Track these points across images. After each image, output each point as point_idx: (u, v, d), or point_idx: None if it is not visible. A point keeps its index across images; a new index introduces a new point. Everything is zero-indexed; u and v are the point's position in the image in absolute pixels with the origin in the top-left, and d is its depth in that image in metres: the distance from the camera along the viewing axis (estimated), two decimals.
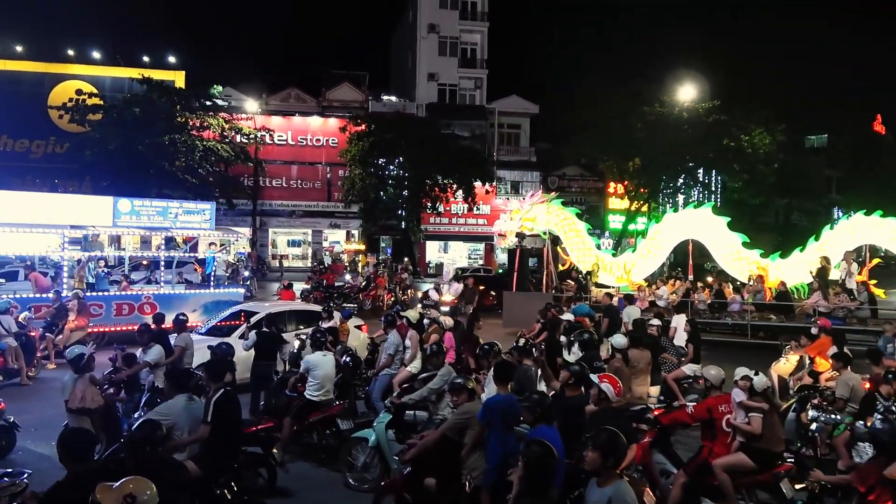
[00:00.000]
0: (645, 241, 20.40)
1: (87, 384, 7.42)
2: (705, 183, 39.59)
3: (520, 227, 20.34)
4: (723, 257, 19.44)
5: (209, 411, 5.96)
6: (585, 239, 20.48)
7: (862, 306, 16.16)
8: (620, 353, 8.76)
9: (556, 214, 20.47)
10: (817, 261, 17.93)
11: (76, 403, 7.12)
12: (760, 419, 6.61)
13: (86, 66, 40.58)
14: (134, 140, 30.03)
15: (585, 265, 20.24)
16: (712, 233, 19.46)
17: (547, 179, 44.19)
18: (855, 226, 18.79)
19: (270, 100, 41.54)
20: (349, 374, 9.97)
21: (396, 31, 52.18)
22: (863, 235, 18.58)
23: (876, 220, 18.58)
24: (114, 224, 17.17)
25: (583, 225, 20.74)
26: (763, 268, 18.69)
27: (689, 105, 36.01)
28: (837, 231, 18.93)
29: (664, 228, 20.08)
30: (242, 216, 38.73)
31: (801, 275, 18.46)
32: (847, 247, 18.20)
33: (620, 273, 20.08)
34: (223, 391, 6.18)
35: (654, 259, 20.09)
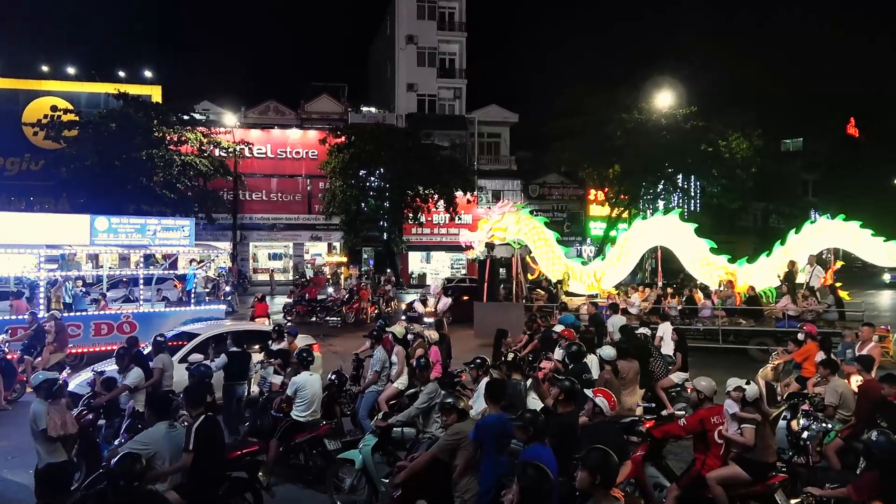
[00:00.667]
0: (614, 249, 20.34)
1: (63, 409, 7.18)
2: (685, 188, 39.87)
3: (490, 236, 20.25)
4: (691, 263, 19.55)
5: (191, 439, 5.77)
6: (554, 248, 20.41)
7: (829, 309, 16.31)
8: (609, 365, 8.67)
9: (526, 224, 20.47)
10: (784, 265, 18.14)
11: (57, 431, 6.85)
12: (754, 430, 6.55)
13: (61, 81, 40.12)
14: (111, 156, 29.73)
15: (555, 274, 20.17)
16: (680, 239, 19.61)
17: (528, 188, 44.34)
18: (820, 230, 18.95)
19: (249, 113, 41.30)
20: (335, 392, 9.81)
21: (375, 43, 52.21)
22: (827, 239, 18.79)
23: (839, 223, 18.82)
24: (91, 242, 16.83)
25: (551, 234, 20.70)
26: (731, 273, 18.83)
27: (668, 111, 36.32)
28: (803, 235, 19.03)
29: (633, 236, 20.09)
30: (223, 230, 38.41)
31: (768, 279, 18.63)
32: (812, 250, 18.43)
33: (591, 281, 19.99)
34: (204, 417, 5.99)
35: (624, 266, 20.07)
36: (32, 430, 6.80)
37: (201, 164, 32.52)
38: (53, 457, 6.76)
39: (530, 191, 44.34)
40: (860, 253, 18.84)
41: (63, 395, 7.32)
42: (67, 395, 7.47)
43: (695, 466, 6.85)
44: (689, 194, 39.93)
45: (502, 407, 7.28)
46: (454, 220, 39.01)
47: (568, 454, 5.62)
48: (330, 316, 24.09)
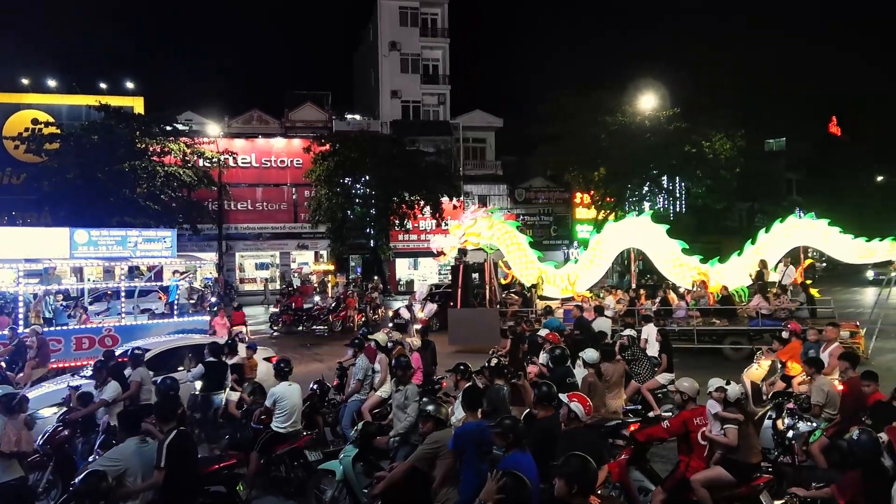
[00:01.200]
0: (587, 252, 20.27)
1: (20, 426, 6.97)
2: (669, 190, 40.04)
3: (463, 242, 20.06)
4: (663, 264, 19.63)
5: (163, 455, 5.64)
6: (527, 252, 20.30)
7: (801, 307, 16.43)
8: (593, 368, 8.61)
9: (498, 228, 20.31)
10: (755, 264, 18.22)
11: (9, 447, 6.62)
12: (736, 431, 6.49)
13: (41, 94, 39.72)
14: (93, 168, 29.44)
15: (529, 279, 20.05)
16: (652, 241, 19.67)
17: (514, 192, 44.37)
18: (789, 228, 19.05)
19: (232, 122, 41.08)
20: (316, 402, 9.69)
21: (358, 50, 52.17)
22: (797, 237, 18.90)
23: (809, 221, 19.02)
24: (71, 256, 16.64)
25: (524, 238, 20.64)
26: (704, 273, 18.96)
27: (651, 113, 36.48)
28: (773, 234, 19.14)
29: (605, 238, 20.06)
30: (208, 241, 38.12)
31: (740, 278, 18.75)
32: (783, 249, 18.58)
33: (565, 285, 19.94)
34: (176, 432, 5.85)
35: (598, 269, 20.03)
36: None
37: (185, 175, 32.27)
38: (8, 473, 6.56)
39: (516, 195, 44.35)
40: (829, 251, 19.03)
41: (22, 410, 7.12)
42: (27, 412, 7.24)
43: (679, 469, 6.79)
44: (674, 195, 40.11)
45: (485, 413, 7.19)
46: (441, 225, 38.90)
47: (549, 460, 5.52)
48: (316, 325, 23.91)
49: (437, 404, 6.15)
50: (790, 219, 19.27)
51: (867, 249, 18.14)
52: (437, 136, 42.72)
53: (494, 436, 5.46)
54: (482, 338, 17.33)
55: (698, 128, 35.96)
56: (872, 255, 18.15)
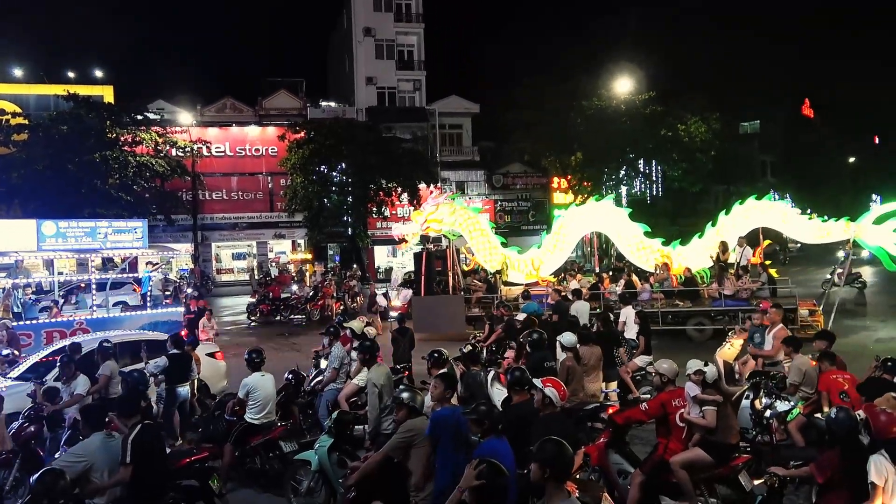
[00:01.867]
0: (550, 236, 20.27)
1: (1, 425, 6.82)
2: (646, 173, 40.14)
3: (425, 228, 19.89)
4: (626, 247, 19.86)
5: (127, 451, 5.46)
6: (490, 237, 20.22)
7: (763, 287, 16.67)
8: (571, 352, 8.55)
9: (461, 214, 20.16)
10: (716, 246, 18.40)
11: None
12: (715, 412, 6.46)
13: (7, 84, 38.76)
14: (63, 159, 28.82)
15: (492, 264, 19.99)
16: (615, 224, 19.86)
17: (492, 178, 44.29)
18: (748, 210, 19.19)
19: (205, 111, 40.45)
20: (292, 392, 9.54)
21: (332, 36, 51.59)
22: (756, 219, 19.01)
23: (767, 203, 19.26)
24: (38, 248, 16.25)
25: (487, 223, 20.57)
26: (666, 255, 19.19)
27: (627, 97, 36.51)
28: (733, 216, 19.29)
29: (568, 223, 20.11)
30: (183, 231, 37.65)
31: (702, 260, 18.98)
32: (742, 230, 18.73)
33: (529, 270, 19.96)
34: (140, 427, 5.68)
35: (561, 253, 20.11)
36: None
37: (157, 165, 31.73)
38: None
39: (494, 181, 44.27)
40: (788, 231, 19.35)
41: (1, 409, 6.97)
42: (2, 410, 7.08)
43: (658, 451, 6.76)
44: (650, 179, 40.20)
45: (462, 399, 7.09)
46: None
47: (524, 445, 5.43)
48: (294, 314, 23.68)
49: (413, 392, 6.03)
50: (749, 200, 19.43)
51: (823, 229, 18.36)
52: (414, 122, 42.45)
53: (470, 422, 5.36)
54: (448, 325, 17.30)
55: (674, 111, 36.09)
56: (829, 235, 18.34)
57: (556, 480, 3.97)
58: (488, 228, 20.29)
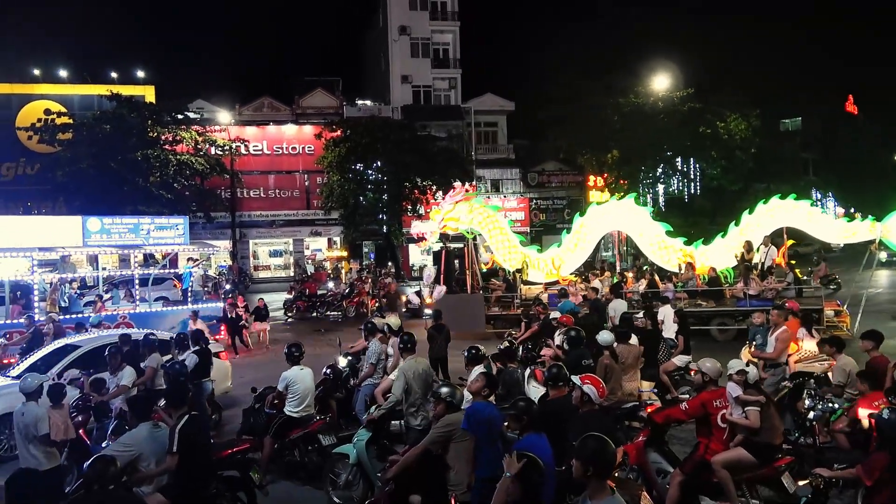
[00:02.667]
0: (571, 235, 19.98)
1: (66, 414, 7.04)
2: (684, 171, 39.62)
3: (442, 227, 19.56)
4: (648, 247, 19.60)
5: (174, 441, 5.59)
6: (510, 236, 19.91)
7: (789, 287, 16.48)
8: (608, 350, 8.49)
9: (479, 213, 19.83)
10: (740, 245, 18.21)
11: (59, 435, 6.69)
12: (758, 413, 6.36)
13: (53, 85, 39.81)
14: (106, 158, 29.50)
15: (512, 263, 19.71)
16: (636, 223, 19.61)
17: (527, 176, 44.11)
18: (772, 209, 18.90)
19: (244, 110, 41.04)
20: (330, 386, 9.64)
21: (368, 35, 51.87)
22: (780, 218, 18.76)
23: (792, 203, 18.88)
24: (84, 244, 16.71)
25: (506, 222, 20.26)
26: (689, 255, 18.95)
27: (664, 94, 36.06)
28: (757, 215, 19.01)
29: (589, 221, 19.84)
30: (222, 229, 38.26)
31: (725, 260, 18.73)
32: (766, 230, 18.47)
33: (549, 269, 19.69)
34: (188, 417, 5.80)
35: (581, 252, 19.85)
36: (27, 435, 6.51)
37: (197, 163, 32.31)
38: (52, 461, 6.60)
39: (529, 179, 44.09)
40: (812, 231, 18.94)
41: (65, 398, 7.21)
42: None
43: (698, 451, 6.68)
44: (688, 177, 39.65)
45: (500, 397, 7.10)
46: None
47: (560, 441, 5.41)
48: (330, 310, 23.96)
49: (452, 387, 6.06)
50: (773, 199, 19.16)
51: (849, 230, 18.11)
52: (449, 120, 42.49)
53: (509, 418, 5.37)
54: (468, 323, 17.22)
55: (712, 108, 35.52)
56: (855, 235, 18.02)
57: (598, 477, 3.94)
58: (507, 227, 20.03)
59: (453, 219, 19.42)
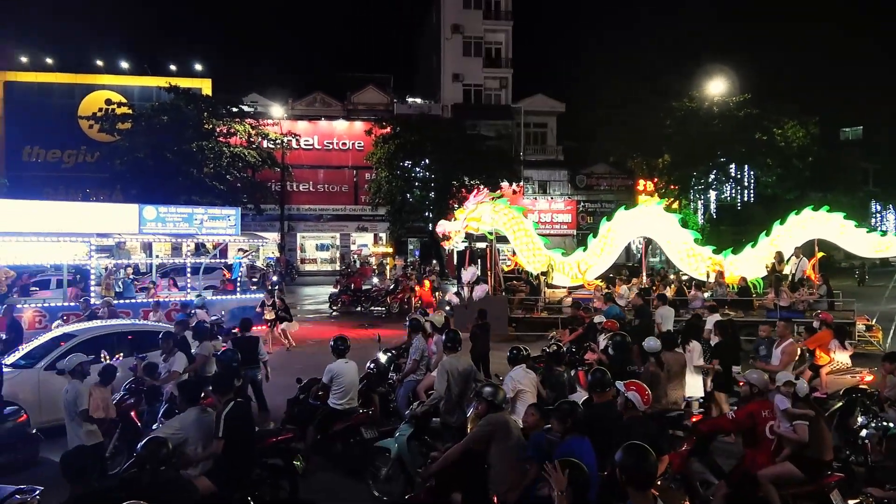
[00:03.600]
0: (597, 240, 19.64)
1: (108, 394, 7.29)
2: (737, 178, 38.76)
3: (464, 227, 19.29)
4: (676, 254, 19.33)
5: (220, 426, 5.73)
6: (535, 239, 19.60)
7: (821, 299, 16.42)
8: (654, 357, 8.38)
9: (504, 214, 19.52)
10: (770, 256, 18.04)
11: (98, 413, 6.97)
12: (807, 427, 6.20)
13: (114, 76, 41.16)
14: (162, 148, 30.30)
15: (537, 266, 19.40)
16: (664, 230, 19.34)
17: (575, 178, 43.74)
18: (805, 221, 18.81)
19: (296, 105, 41.68)
20: (374, 381, 9.74)
21: (421, 33, 52.11)
22: (812, 230, 18.66)
23: (824, 214, 18.73)
24: (139, 231, 17.19)
25: (530, 224, 19.94)
26: (718, 263, 18.76)
27: (719, 99, 35.32)
28: (788, 226, 18.92)
29: (616, 226, 19.52)
30: (271, 221, 38.95)
31: (755, 270, 18.57)
32: (798, 242, 18.36)
33: (574, 273, 19.45)
34: (234, 403, 5.95)
35: (608, 257, 19.55)
36: (69, 411, 6.87)
37: (250, 156, 32.97)
38: (91, 438, 6.84)
39: (577, 181, 43.71)
40: (844, 244, 18.81)
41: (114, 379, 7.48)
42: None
43: (744, 463, 6.56)
44: (742, 184, 38.78)
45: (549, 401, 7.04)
46: None
47: (604, 446, 5.37)
48: (374, 305, 24.16)
49: (494, 387, 6.08)
50: (805, 211, 19.00)
51: (882, 243, 18.09)
52: (498, 120, 42.41)
53: (553, 420, 5.35)
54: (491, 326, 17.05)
55: (770, 114, 34.62)
56: (888, 249, 18.00)
57: (635, 486, 3.90)
58: (532, 229, 19.75)
59: (475, 219, 19.21)
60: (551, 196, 43.37)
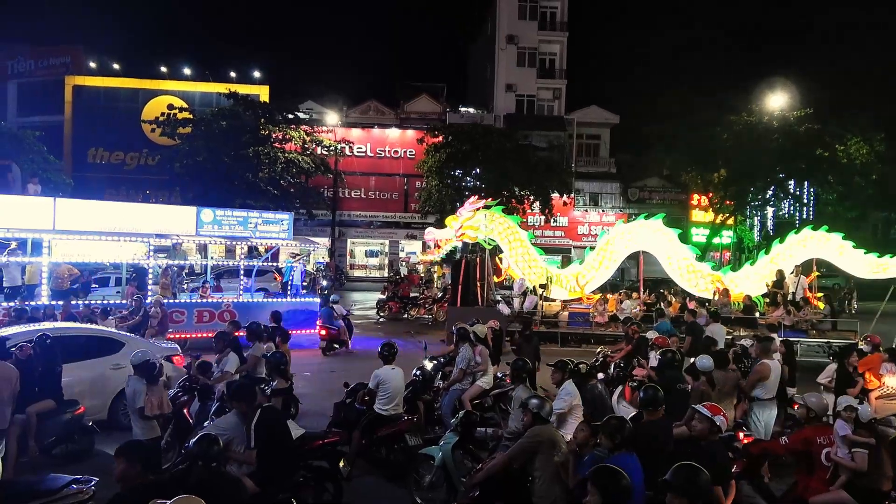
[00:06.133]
0: (595, 253, 19.34)
1: (161, 391, 7.49)
2: (797, 195, 37.73)
3: (460, 235, 18.79)
4: (675, 270, 19.13)
5: (251, 437, 5.85)
6: (530, 250, 19.27)
7: (825, 318, 16.90)
8: (705, 376, 8.20)
9: (500, 223, 19.07)
10: (769, 274, 18.37)
11: (153, 410, 7.17)
12: (866, 455, 5.99)
13: (177, 81, 42.46)
14: (220, 152, 31.02)
15: (533, 279, 19.01)
16: (664, 245, 19.13)
17: (627, 191, 43.23)
18: (804, 240, 19.00)
19: (350, 112, 42.28)
20: (419, 388, 9.78)
21: (475, 43, 52.30)
22: (812, 249, 18.87)
23: (823, 234, 18.97)
24: (197, 233, 17.63)
25: (526, 234, 19.55)
26: (718, 279, 18.68)
27: (779, 113, 34.45)
28: (788, 245, 19.12)
29: (615, 240, 19.24)
30: (322, 226, 39.49)
31: (754, 287, 18.65)
32: (797, 260, 18.71)
33: (573, 286, 19.12)
34: (262, 410, 6.05)
35: (606, 271, 19.27)
36: (129, 407, 7.16)
37: (304, 162, 33.49)
38: (148, 433, 7.05)
39: (629, 194, 43.18)
40: (842, 265, 18.93)
41: (161, 376, 7.66)
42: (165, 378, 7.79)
43: (796, 489, 6.37)
44: (801, 201, 37.72)
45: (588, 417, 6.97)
46: (549, 221, 38.56)
47: (654, 464, 5.28)
48: (422, 313, 24.26)
49: (542, 399, 6.04)
50: (805, 230, 19.20)
51: (879, 265, 18.24)
52: (551, 131, 42.22)
53: (601, 436, 5.28)
54: None
55: (832, 130, 33.61)
56: (885, 271, 18.10)
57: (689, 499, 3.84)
58: (528, 240, 19.42)
59: (472, 227, 18.68)
60: (602, 209, 42.93)
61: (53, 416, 8.38)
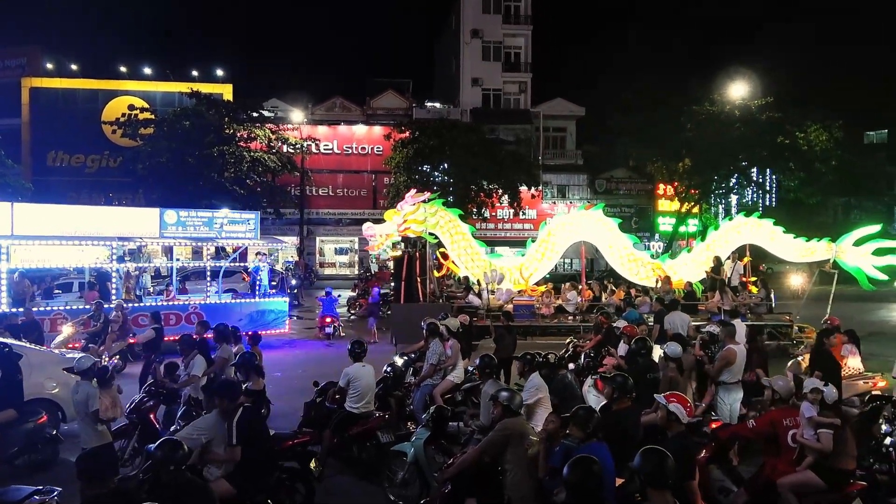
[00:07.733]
0: (536, 244, 19.37)
1: (114, 394, 7.34)
2: (759, 182, 38.37)
3: (403, 229, 18.40)
4: (616, 259, 19.38)
5: (233, 434, 5.76)
6: (472, 243, 19.14)
7: (762, 302, 17.55)
8: (675, 362, 8.28)
9: (441, 216, 18.81)
10: (707, 261, 18.77)
11: (105, 414, 7.00)
12: (831, 436, 6.09)
13: (137, 81, 41.70)
14: (184, 153, 30.57)
15: (475, 272, 18.89)
16: (604, 234, 19.33)
17: (594, 182, 43.58)
18: (738, 227, 19.42)
19: (316, 109, 41.92)
20: (390, 385, 9.73)
21: (440, 38, 52.22)
22: (746, 236, 19.27)
23: (755, 221, 19.43)
24: (160, 235, 17.35)
25: (467, 228, 19.44)
26: (658, 267, 19.06)
27: (741, 103, 34.97)
28: (723, 232, 19.53)
29: (556, 231, 19.31)
30: (290, 225, 39.15)
31: (693, 274, 19.18)
32: (732, 247, 19.18)
33: (517, 278, 19.11)
34: (242, 409, 5.97)
35: (548, 262, 19.38)
36: (80, 412, 6.89)
37: (270, 161, 33.17)
38: (100, 439, 6.87)
39: (597, 185, 43.54)
40: (774, 250, 19.47)
41: (113, 379, 7.52)
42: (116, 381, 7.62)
43: (764, 471, 6.46)
44: (764, 188, 38.37)
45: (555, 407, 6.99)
46: (518, 215, 38.74)
47: (623, 452, 5.31)
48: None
49: (511, 392, 6.04)
50: (738, 217, 19.75)
51: (807, 249, 18.76)
52: (517, 124, 42.35)
53: (572, 426, 5.30)
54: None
55: (792, 118, 34.21)
56: (813, 255, 18.70)
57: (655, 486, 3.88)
58: (469, 234, 19.30)
59: (416, 221, 18.30)
60: (570, 200, 43.20)
61: (15, 425, 8.18)
